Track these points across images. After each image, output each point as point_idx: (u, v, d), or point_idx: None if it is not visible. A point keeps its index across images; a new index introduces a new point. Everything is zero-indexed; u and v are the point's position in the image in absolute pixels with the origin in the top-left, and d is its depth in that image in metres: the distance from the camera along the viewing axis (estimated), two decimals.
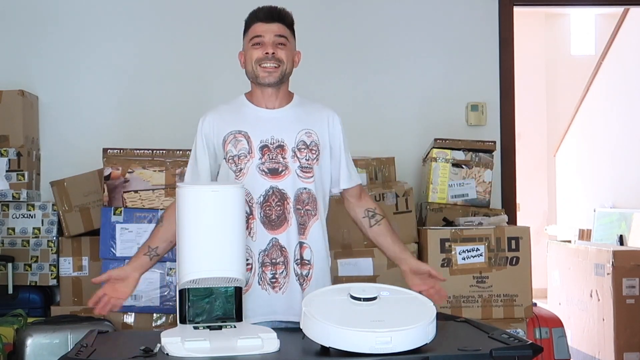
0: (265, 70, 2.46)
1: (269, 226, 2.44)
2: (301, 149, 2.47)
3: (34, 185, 4.01)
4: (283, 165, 2.45)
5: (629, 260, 4.63)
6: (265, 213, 2.43)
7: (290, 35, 2.52)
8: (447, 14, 4.46)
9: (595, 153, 7.55)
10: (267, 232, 2.44)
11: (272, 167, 2.45)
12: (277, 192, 2.44)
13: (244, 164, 2.45)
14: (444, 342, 1.98)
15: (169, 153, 3.73)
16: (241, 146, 2.46)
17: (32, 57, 4.27)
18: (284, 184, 2.45)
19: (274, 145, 2.46)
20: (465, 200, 3.98)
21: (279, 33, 2.47)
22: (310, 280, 2.46)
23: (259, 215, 2.43)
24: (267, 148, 2.46)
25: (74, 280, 3.77)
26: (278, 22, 2.48)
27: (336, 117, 2.57)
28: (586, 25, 9.25)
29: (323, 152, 2.52)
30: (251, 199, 2.43)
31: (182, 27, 4.36)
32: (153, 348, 1.94)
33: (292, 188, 2.45)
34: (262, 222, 2.43)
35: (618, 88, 7.03)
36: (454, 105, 4.42)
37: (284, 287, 2.44)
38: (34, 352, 3.24)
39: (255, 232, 2.43)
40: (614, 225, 6.20)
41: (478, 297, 3.53)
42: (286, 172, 2.46)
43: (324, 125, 2.54)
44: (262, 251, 2.43)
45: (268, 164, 2.45)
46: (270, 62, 2.46)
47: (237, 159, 2.46)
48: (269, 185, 2.44)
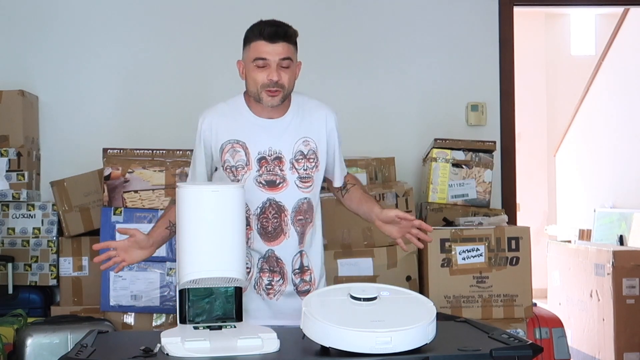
0: (270, 95, 2.41)
1: (266, 238, 2.45)
2: (299, 159, 2.47)
3: (34, 185, 4.01)
4: (281, 177, 2.46)
5: (629, 260, 4.63)
6: (262, 225, 2.45)
7: (293, 52, 2.45)
8: (447, 14, 4.46)
9: (595, 153, 7.55)
10: (263, 244, 2.45)
11: (270, 180, 2.45)
12: (274, 204, 2.45)
13: (241, 176, 2.44)
14: (444, 342, 1.98)
15: (169, 153, 3.73)
16: (239, 157, 2.45)
17: (32, 57, 4.27)
18: (281, 196, 2.45)
19: (272, 157, 2.46)
20: (465, 200, 3.98)
21: (284, 55, 2.40)
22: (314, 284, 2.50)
23: (255, 227, 2.45)
24: (265, 160, 2.46)
25: (74, 280, 3.77)
26: (283, 42, 2.40)
27: (332, 116, 2.56)
28: (586, 25, 9.25)
29: (321, 158, 2.52)
30: (248, 210, 2.42)
31: (182, 27, 4.36)
32: (153, 348, 1.94)
33: (291, 199, 2.46)
34: (259, 233, 2.45)
35: (618, 88, 7.03)
36: (454, 105, 4.42)
37: (278, 294, 2.46)
38: (34, 352, 3.24)
39: (252, 242, 2.45)
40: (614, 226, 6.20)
41: (478, 297, 3.53)
42: (284, 184, 2.46)
43: (322, 127, 2.53)
44: (261, 258, 2.46)
45: (265, 176, 2.45)
46: (275, 87, 2.41)
47: (234, 169, 2.46)
48: (266, 197, 2.45)
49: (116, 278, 3.56)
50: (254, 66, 2.41)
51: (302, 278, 2.49)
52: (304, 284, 2.49)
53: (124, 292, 3.56)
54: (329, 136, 2.55)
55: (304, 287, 2.49)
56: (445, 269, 3.53)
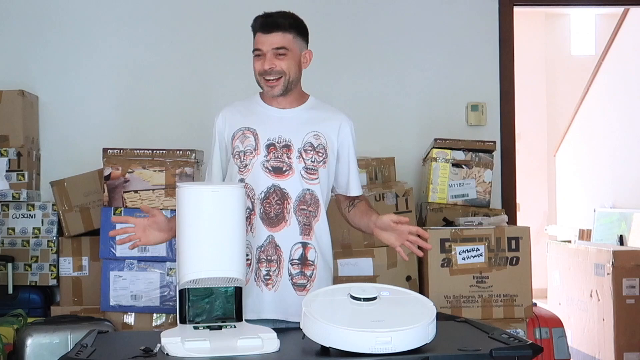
0: (268, 85, 2.49)
1: (267, 223, 2.47)
2: (307, 150, 2.49)
3: (34, 185, 4.01)
4: (287, 165, 2.48)
5: (629, 260, 4.62)
6: (265, 210, 2.46)
7: (292, 41, 2.49)
8: (447, 14, 4.46)
9: (595, 153, 7.55)
10: (265, 229, 2.47)
11: (276, 166, 2.48)
12: (279, 190, 2.47)
13: (249, 160, 2.48)
14: (444, 342, 1.98)
15: (169, 153, 3.73)
16: (248, 142, 2.49)
17: (32, 57, 4.27)
18: (286, 183, 2.47)
19: (281, 145, 2.49)
20: (465, 200, 3.98)
21: (277, 45, 2.46)
22: (314, 281, 2.49)
23: (259, 211, 2.46)
24: (274, 146, 2.48)
25: (74, 280, 3.77)
26: (276, 32, 2.47)
27: (348, 123, 2.59)
28: (586, 25, 9.25)
29: (330, 157, 2.53)
30: (253, 194, 2.46)
31: (182, 27, 4.36)
32: (153, 348, 1.94)
33: (296, 188, 2.47)
34: (261, 218, 2.46)
35: (618, 88, 7.03)
36: (454, 105, 4.42)
37: (276, 285, 2.46)
38: (34, 352, 3.24)
39: (255, 227, 2.46)
40: (614, 225, 6.20)
41: (478, 297, 3.53)
42: (290, 172, 2.48)
43: (335, 130, 2.56)
44: (259, 247, 2.46)
45: (273, 162, 2.47)
46: (271, 76, 2.47)
47: (242, 154, 2.49)
48: (271, 183, 2.47)
49: (116, 278, 3.56)
50: (254, 57, 2.51)
51: (302, 271, 2.48)
52: (301, 277, 2.48)
53: (124, 292, 3.56)
54: (343, 140, 2.57)
55: (300, 281, 2.47)
56: (445, 269, 3.53)
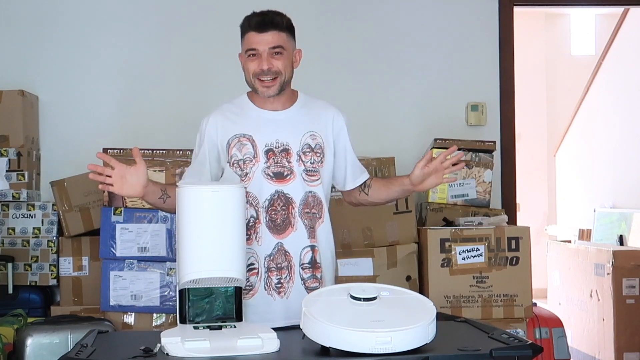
0: (264, 85, 2.45)
1: (274, 230, 2.44)
2: (306, 152, 2.47)
3: (34, 185, 4.01)
4: (288, 169, 2.45)
5: (629, 260, 4.63)
6: (271, 217, 2.44)
7: (287, 40, 2.47)
8: (447, 14, 4.46)
9: (595, 153, 7.56)
10: (272, 237, 2.44)
11: (278, 171, 2.45)
12: (282, 196, 2.44)
13: (249, 169, 2.44)
14: (444, 342, 1.98)
15: (169, 153, 3.73)
16: (246, 150, 2.45)
17: (32, 57, 4.27)
18: (289, 188, 2.45)
19: (279, 149, 2.46)
20: (465, 200, 3.98)
21: (274, 44, 2.43)
22: (322, 284, 2.47)
23: (264, 220, 2.44)
24: (272, 152, 2.46)
25: (74, 280, 3.77)
26: (272, 30, 2.43)
27: (341, 116, 2.58)
28: (586, 25, 9.25)
29: (327, 154, 2.52)
30: (257, 203, 2.43)
31: (182, 27, 4.36)
32: (153, 348, 1.94)
33: (299, 192, 2.45)
34: (267, 226, 2.44)
35: (618, 88, 7.03)
36: (454, 105, 4.42)
37: (288, 291, 2.44)
38: (34, 352, 3.24)
39: (261, 236, 2.44)
40: (614, 225, 6.20)
41: (478, 297, 3.53)
42: (291, 176, 2.46)
43: (329, 126, 2.54)
44: (267, 256, 2.44)
45: (273, 167, 2.45)
46: (267, 76, 2.44)
47: (242, 163, 2.45)
48: (274, 189, 2.44)
49: (116, 278, 3.56)
50: (247, 57, 2.46)
51: (313, 274, 2.46)
52: (313, 281, 2.46)
53: (124, 292, 3.56)
54: (338, 135, 2.56)
55: (313, 284, 2.45)
56: (445, 269, 3.53)
